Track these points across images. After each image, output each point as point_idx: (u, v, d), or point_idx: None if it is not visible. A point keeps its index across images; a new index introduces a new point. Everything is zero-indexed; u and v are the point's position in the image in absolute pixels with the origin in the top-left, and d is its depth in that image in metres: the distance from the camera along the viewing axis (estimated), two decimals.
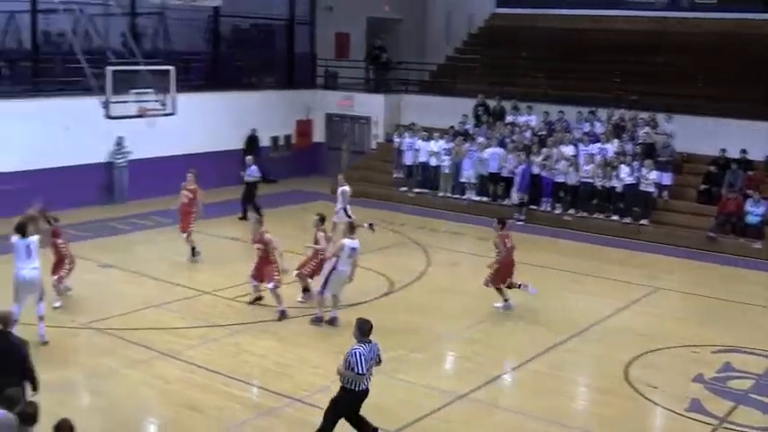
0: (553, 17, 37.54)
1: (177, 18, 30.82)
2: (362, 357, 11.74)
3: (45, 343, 15.88)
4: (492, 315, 18.75)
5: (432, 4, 41.89)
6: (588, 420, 14.13)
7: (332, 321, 17.68)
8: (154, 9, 28.87)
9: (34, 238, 15.98)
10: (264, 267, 18.36)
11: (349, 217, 22.50)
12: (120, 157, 28.29)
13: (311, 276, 19.06)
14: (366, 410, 13.59)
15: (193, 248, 22.18)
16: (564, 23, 36.88)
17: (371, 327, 12.05)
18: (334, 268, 17.46)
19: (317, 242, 18.88)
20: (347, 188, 24.05)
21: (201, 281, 20.33)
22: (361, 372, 11.73)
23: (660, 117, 28.25)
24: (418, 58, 39.54)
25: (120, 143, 28.12)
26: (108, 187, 28.37)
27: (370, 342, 11.97)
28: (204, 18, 33.32)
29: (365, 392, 12.05)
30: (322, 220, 19.13)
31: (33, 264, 15.88)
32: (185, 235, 22.18)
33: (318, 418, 13.63)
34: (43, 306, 16.28)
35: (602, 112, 29.55)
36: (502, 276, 19.09)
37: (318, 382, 14.80)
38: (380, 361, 12.27)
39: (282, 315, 17.99)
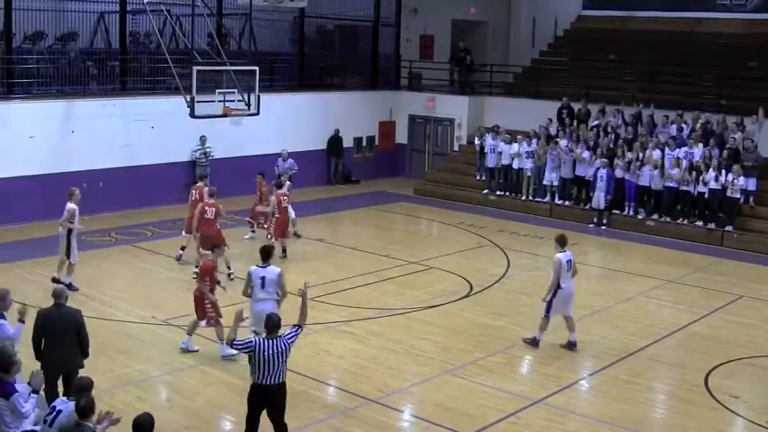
0: (641, 19, 37.03)
1: (263, 19, 31.12)
2: (252, 348, 11.35)
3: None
4: None
5: (517, 7, 41.59)
6: (666, 429, 13.92)
7: (570, 346, 16.75)
8: (240, 10, 29.12)
9: (274, 270, 14.86)
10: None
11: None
12: (202, 155, 28.59)
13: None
14: (442, 413, 13.59)
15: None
16: (652, 26, 36.32)
17: (279, 320, 11.71)
18: (558, 287, 16.40)
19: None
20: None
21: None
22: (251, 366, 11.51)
23: (748, 121, 27.66)
24: (503, 60, 39.41)
25: (202, 142, 28.41)
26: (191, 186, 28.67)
27: (278, 337, 11.50)
28: (289, 19, 33.58)
29: (263, 389, 11.53)
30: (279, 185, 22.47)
31: (264, 296, 14.77)
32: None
33: (394, 420, 13.70)
34: None
35: (690, 116, 29.02)
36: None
37: (395, 384, 14.84)
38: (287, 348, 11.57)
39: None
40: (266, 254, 15.05)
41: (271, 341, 11.43)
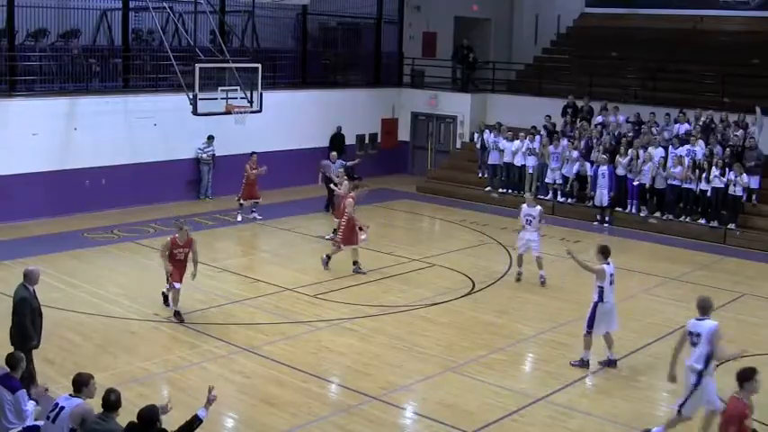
0: (643, 17, 37.03)
1: (265, 16, 31.15)
2: None
3: None
4: (573, 317, 18.50)
5: (520, 4, 41.59)
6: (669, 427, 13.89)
7: (609, 364, 15.87)
8: (242, 7, 29.12)
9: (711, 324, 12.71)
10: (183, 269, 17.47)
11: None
12: (209, 156, 28.58)
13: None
14: (444, 410, 13.59)
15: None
16: (654, 23, 36.32)
17: None
18: (600, 300, 15.54)
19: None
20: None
21: (283, 277, 20.44)
22: None
23: (750, 119, 27.62)
24: (505, 57, 39.44)
25: (210, 142, 28.39)
26: (194, 183, 28.71)
27: None
28: (292, 16, 33.56)
29: None
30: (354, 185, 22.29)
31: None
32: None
33: (396, 418, 13.69)
34: None
35: (692, 114, 28.98)
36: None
37: (397, 381, 14.82)
38: None
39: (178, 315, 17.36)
40: (706, 307, 12.85)
41: None
